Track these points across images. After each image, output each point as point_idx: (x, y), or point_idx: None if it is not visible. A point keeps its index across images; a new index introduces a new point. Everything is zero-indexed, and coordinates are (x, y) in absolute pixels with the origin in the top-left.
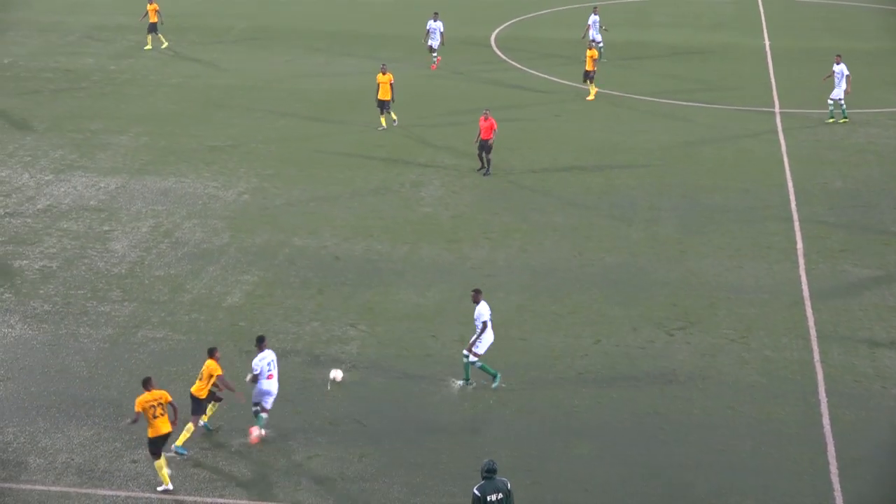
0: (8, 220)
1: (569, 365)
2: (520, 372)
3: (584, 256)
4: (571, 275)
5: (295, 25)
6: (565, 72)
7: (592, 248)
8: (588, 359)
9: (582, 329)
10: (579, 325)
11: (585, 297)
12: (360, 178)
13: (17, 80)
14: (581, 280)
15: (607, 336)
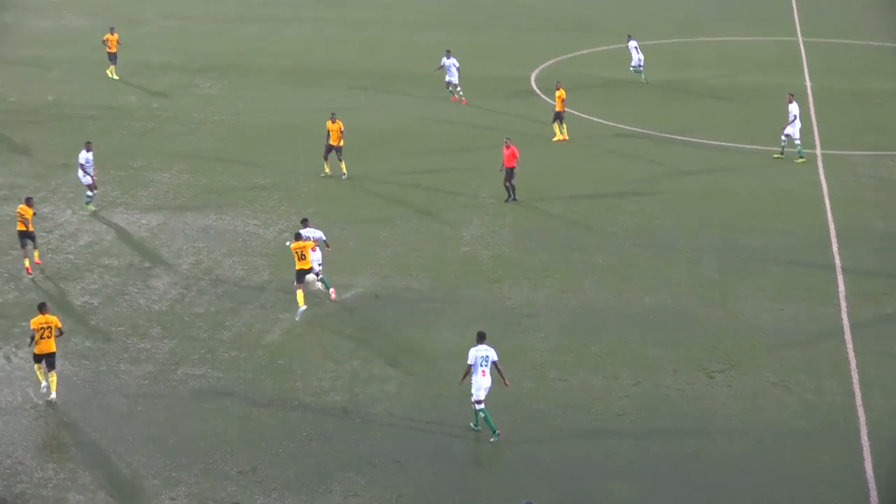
0: (50, 256)
1: (608, 406)
2: (559, 412)
3: (623, 297)
4: (611, 315)
5: (336, 64)
6: (604, 111)
7: (632, 289)
8: (628, 400)
9: (621, 370)
10: (619, 366)
11: (625, 338)
12: (399, 217)
13: (60, 118)
14: (621, 321)
15: (647, 377)
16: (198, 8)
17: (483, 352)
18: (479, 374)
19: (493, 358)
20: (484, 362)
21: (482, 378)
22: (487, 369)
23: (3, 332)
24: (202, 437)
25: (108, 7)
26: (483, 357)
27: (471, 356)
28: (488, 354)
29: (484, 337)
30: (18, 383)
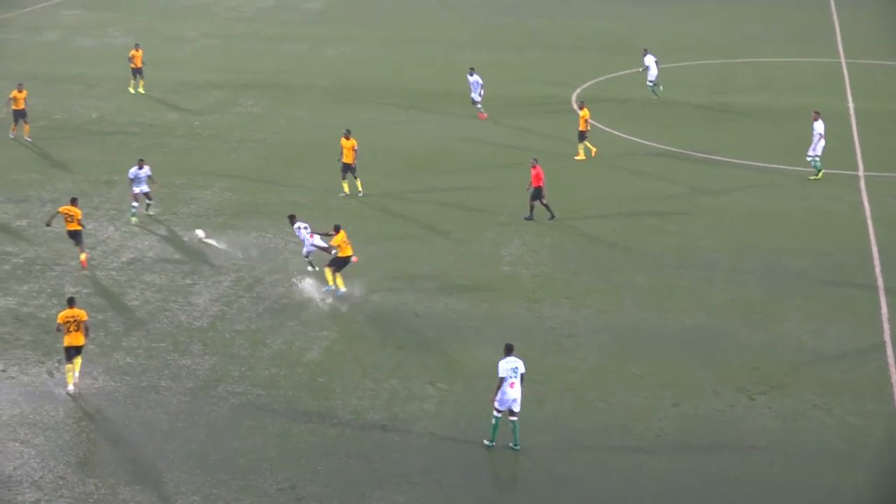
0: (93, 272)
1: (648, 427)
2: (599, 433)
3: (664, 317)
4: (651, 336)
5: (378, 83)
6: (644, 130)
7: (673, 309)
8: (668, 421)
9: (662, 391)
10: (659, 387)
11: (665, 359)
12: (439, 236)
13: (103, 135)
14: (661, 341)
15: (687, 399)
16: (240, 27)
17: (512, 363)
18: (507, 385)
19: (521, 370)
20: (513, 374)
21: (510, 389)
22: (517, 380)
23: (47, 347)
24: (242, 454)
25: (150, 26)
26: (512, 369)
27: (501, 369)
28: (517, 366)
29: (512, 349)
30: (61, 399)
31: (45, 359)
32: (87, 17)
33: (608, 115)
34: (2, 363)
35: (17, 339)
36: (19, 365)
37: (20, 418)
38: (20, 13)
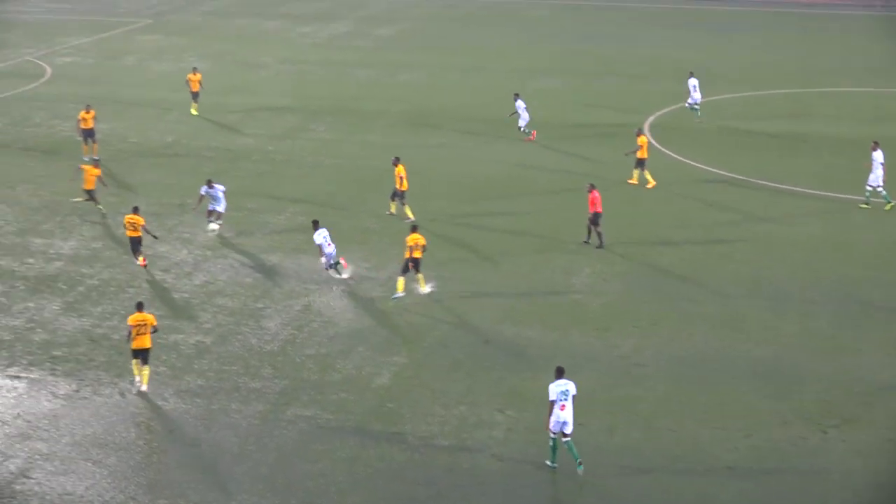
0: (166, 295)
1: (717, 458)
2: (667, 463)
3: (734, 348)
4: (721, 366)
5: (449, 110)
6: (717, 159)
7: (743, 340)
8: (737, 453)
9: (731, 422)
10: (729, 418)
11: (735, 390)
12: (509, 263)
13: (178, 158)
14: (731, 372)
15: (758, 430)
16: (315, 53)
17: (563, 386)
18: (558, 408)
19: (572, 392)
20: (563, 396)
21: (561, 412)
22: (567, 403)
23: (119, 368)
24: (310, 477)
25: (227, 51)
26: (563, 392)
27: (552, 392)
28: (567, 388)
29: (563, 372)
30: (133, 420)
31: (117, 380)
32: (163, 42)
33: (682, 143)
34: (75, 383)
35: (91, 359)
36: (92, 385)
37: (92, 438)
38: (99, 38)
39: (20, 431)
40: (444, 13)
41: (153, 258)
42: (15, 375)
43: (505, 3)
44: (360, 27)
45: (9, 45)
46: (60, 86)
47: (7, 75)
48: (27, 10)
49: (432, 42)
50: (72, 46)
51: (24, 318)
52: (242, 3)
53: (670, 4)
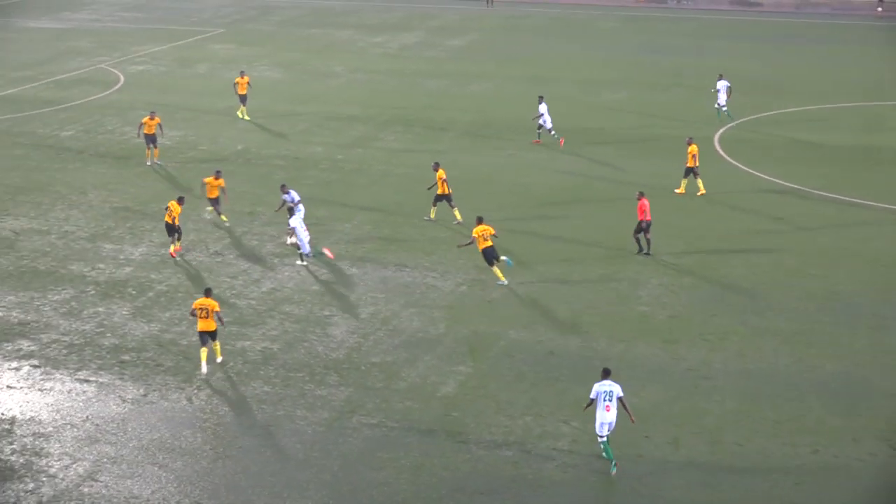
0: (234, 301)
1: (785, 474)
2: (734, 477)
3: (804, 363)
4: (790, 381)
5: (517, 120)
6: (788, 172)
7: (813, 355)
8: (805, 469)
9: (800, 437)
10: (797, 433)
11: (804, 405)
12: (577, 273)
13: (248, 166)
14: (800, 387)
15: (826, 446)
16: (385, 63)
17: (607, 387)
18: (602, 408)
19: (617, 393)
20: (608, 397)
21: (605, 413)
22: (612, 404)
23: (187, 374)
24: (375, 486)
25: (298, 60)
26: (607, 392)
27: (594, 391)
28: (612, 389)
29: (609, 373)
30: (199, 425)
31: (184, 385)
32: (235, 51)
33: (751, 155)
34: (143, 388)
35: (159, 364)
36: (160, 390)
37: (159, 443)
38: (171, 46)
39: (88, 435)
40: (514, 24)
41: (222, 265)
42: (84, 379)
43: (574, 15)
44: (431, 38)
45: (83, 53)
46: (133, 93)
47: (81, 82)
48: (101, 18)
49: (502, 53)
50: (145, 54)
51: (94, 322)
52: (314, 13)
53: (738, 16)
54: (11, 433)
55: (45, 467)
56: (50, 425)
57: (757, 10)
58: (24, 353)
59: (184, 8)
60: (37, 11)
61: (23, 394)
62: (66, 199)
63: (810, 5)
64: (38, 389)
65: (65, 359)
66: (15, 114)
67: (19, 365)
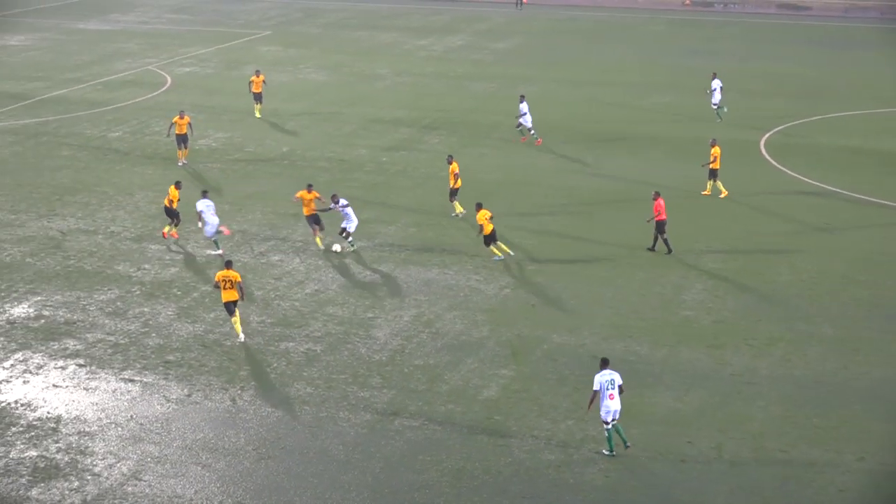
0: (278, 302)
1: (829, 481)
2: (777, 484)
3: (850, 370)
4: (836, 388)
5: (564, 123)
6: (837, 179)
7: (859, 362)
8: (850, 476)
9: (845, 444)
10: (842, 441)
11: (850, 412)
12: (622, 278)
13: (293, 168)
14: (846, 393)
15: (872, 454)
16: (431, 66)
17: (608, 376)
18: (606, 398)
19: (618, 382)
20: (610, 386)
21: (610, 401)
22: (615, 392)
23: (231, 374)
24: (417, 488)
25: (343, 63)
26: (609, 381)
27: (596, 382)
28: (613, 378)
29: (607, 363)
30: (242, 425)
31: (228, 385)
32: (282, 53)
33: (799, 160)
34: (187, 388)
35: (203, 365)
36: (203, 391)
37: (202, 443)
38: (218, 48)
39: (133, 434)
40: (561, 27)
41: (266, 266)
42: (129, 379)
43: (622, 18)
44: (477, 41)
45: (131, 55)
46: (180, 95)
47: (129, 84)
48: (149, 20)
49: (548, 56)
50: (192, 56)
51: (139, 322)
52: (360, 15)
53: (785, 20)
54: (57, 432)
55: (89, 466)
56: (95, 424)
57: (805, 14)
58: (70, 353)
59: (231, 10)
60: (86, 13)
61: (68, 393)
62: (112, 199)
63: (858, 9)
64: (84, 388)
65: (110, 358)
66: (63, 115)
67: (65, 364)
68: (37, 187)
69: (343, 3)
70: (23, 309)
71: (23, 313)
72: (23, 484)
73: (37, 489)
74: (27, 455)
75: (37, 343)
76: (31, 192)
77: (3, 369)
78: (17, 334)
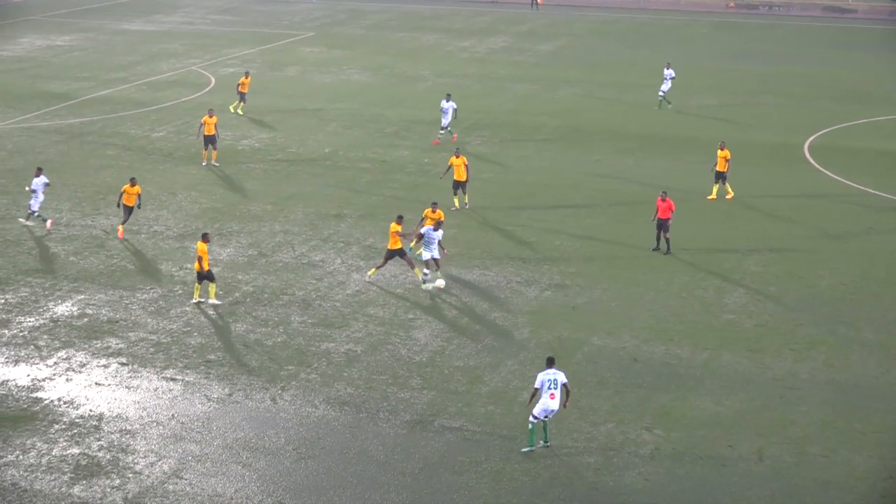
0: (319, 303)
1: (871, 487)
2: (819, 490)
3: (892, 374)
4: (878, 392)
5: (605, 125)
6: (880, 182)
7: None
8: (892, 482)
9: (888, 450)
10: (885, 446)
11: (892, 418)
12: (662, 281)
13: (335, 169)
14: (888, 398)
15: None
16: (473, 67)
17: (552, 375)
18: (547, 396)
19: (561, 381)
20: (552, 385)
21: (550, 400)
22: (557, 391)
23: (272, 374)
24: (456, 489)
25: (386, 64)
26: (552, 380)
27: (538, 380)
28: (556, 377)
29: (553, 362)
30: (283, 425)
31: (269, 385)
32: (325, 54)
33: (842, 163)
34: (228, 387)
35: (244, 364)
36: (244, 390)
37: (243, 442)
38: (262, 49)
39: (174, 433)
40: (604, 30)
41: (307, 266)
42: (171, 378)
43: (665, 21)
44: (519, 42)
45: (175, 55)
46: (223, 95)
47: (173, 84)
48: (193, 21)
49: (591, 58)
50: (236, 57)
51: (181, 321)
52: (402, 17)
53: (830, 23)
54: (99, 429)
55: (130, 464)
56: (136, 422)
57: (850, 17)
58: (112, 351)
59: (275, 11)
60: (130, 14)
61: (111, 391)
62: (155, 199)
63: None
64: (126, 387)
65: (152, 357)
66: (108, 115)
67: (108, 362)
68: (81, 186)
69: (386, 4)
70: (66, 307)
71: (66, 312)
72: (65, 481)
73: (79, 486)
74: (69, 452)
75: (80, 341)
76: (75, 191)
77: (47, 367)
78: (60, 332)
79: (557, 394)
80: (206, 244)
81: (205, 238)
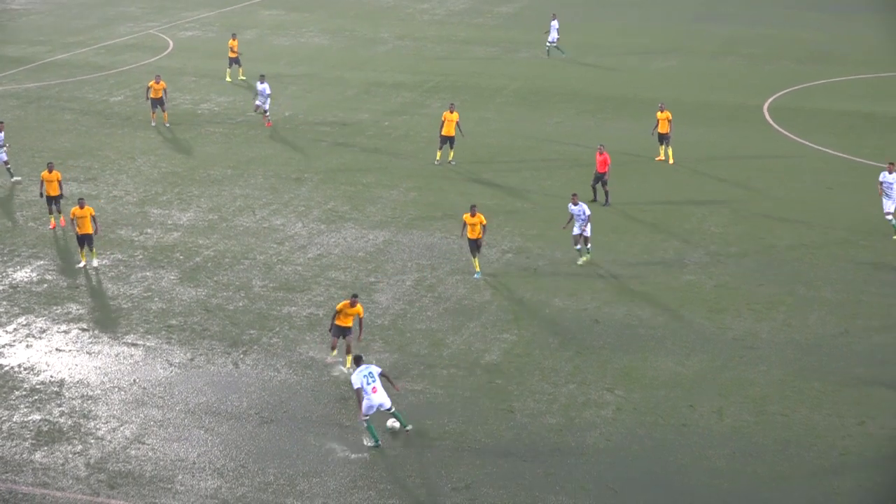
0: (280, 267)
1: (830, 444)
2: (778, 448)
3: (850, 334)
4: (837, 352)
5: (566, 87)
6: (839, 143)
7: (860, 326)
8: (851, 440)
9: (845, 408)
10: (843, 405)
11: (851, 376)
12: (623, 243)
13: (295, 132)
14: (847, 358)
15: (872, 418)
16: (432, 29)
17: (366, 371)
18: (369, 392)
19: (377, 372)
20: (371, 379)
21: (374, 395)
22: (377, 384)
23: (233, 338)
24: (419, 451)
25: (345, 26)
26: (367, 374)
27: (355, 381)
28: (371, 371)
29: (361, 359)
30: (245, 389)
31: (231, 349)
32: (284, 17)
33: (802, 125)
34: (189, 352)
35: (205, 329)
36: (206, 355)
37: (205, 407)
38: (221, 12)
39: (136, 398)
40: None
41: (268, 230)
42: (132, 343)
43: None
44: (480, 4)
45: (133, 19)
46: (182, 59)
47: (131, 48)
48: None
49: None
50: (194, 20)
51: (141, 287)
52: None
53: None
54: (60, 395)
55: (92, 429)
56: (98, 388)
57: None
58: (72, 317)
59: None
60: None
61: (71, 357)
62: (114, 164)
63: None
64: (87, 353)
65: (113, 323)
66: (66, 79)
67: (68, 328)
68: (39, 151)
69: None
70: (25, 273)
71: (25, 277)
72: (26, 447)
73: (40, 452)
74: (31, 419)
75: (40, 307)
76: (33, 156)
77: (7, 333)
78: (20, 298)
79: (379, 386)
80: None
81: (80, 203)
